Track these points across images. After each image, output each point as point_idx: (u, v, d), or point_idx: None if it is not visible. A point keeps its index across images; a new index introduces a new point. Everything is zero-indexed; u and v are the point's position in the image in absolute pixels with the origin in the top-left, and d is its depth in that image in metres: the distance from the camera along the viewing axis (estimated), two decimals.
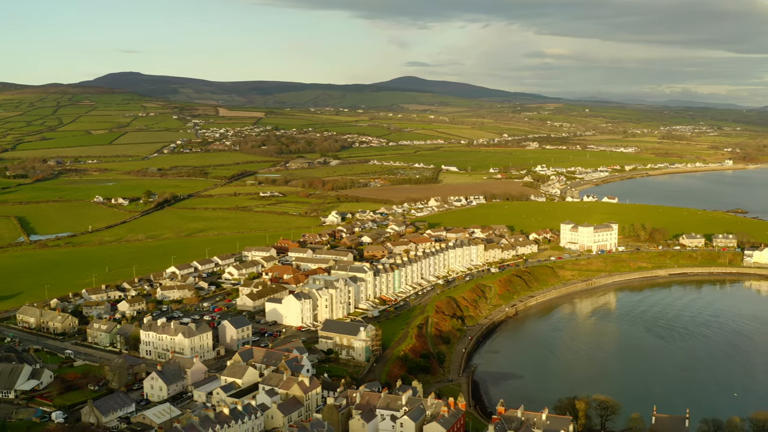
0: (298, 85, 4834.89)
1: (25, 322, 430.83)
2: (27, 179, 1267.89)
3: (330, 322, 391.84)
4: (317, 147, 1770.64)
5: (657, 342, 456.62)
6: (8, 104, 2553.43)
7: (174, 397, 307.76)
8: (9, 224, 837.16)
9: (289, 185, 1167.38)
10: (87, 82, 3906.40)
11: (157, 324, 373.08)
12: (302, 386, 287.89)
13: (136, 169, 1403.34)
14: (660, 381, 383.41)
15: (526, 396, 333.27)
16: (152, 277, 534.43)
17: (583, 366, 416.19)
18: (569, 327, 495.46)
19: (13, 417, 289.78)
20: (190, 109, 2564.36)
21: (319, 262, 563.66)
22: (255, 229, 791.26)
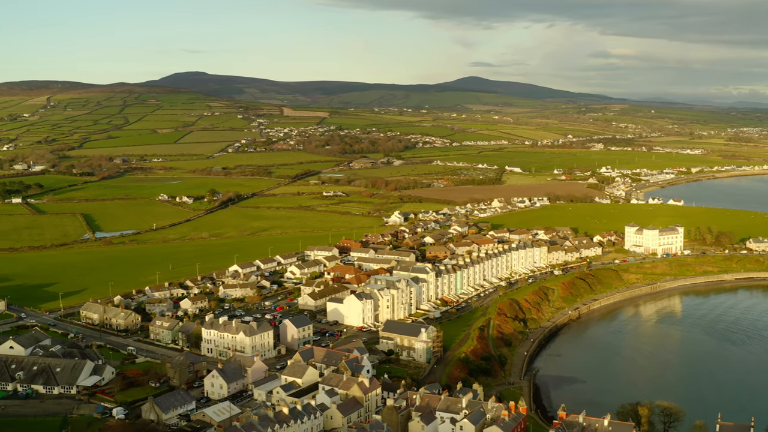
0: (363, 85, 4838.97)
1: (89, 318, 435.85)
2: (93, 177, 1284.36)
3: (391, 323, 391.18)
4: (381, 147, 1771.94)
5: (723, 348, 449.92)
6: (76, 103, 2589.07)
7: (234, 396, 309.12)
8: (75, 221, 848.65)
9: (352, 185, 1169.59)
10: (153, 82, 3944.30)
11: (218, 322, 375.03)
12: (362, 387, 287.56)
13: (201, 168, 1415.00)
14: (725, 388, 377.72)
15: (588, 401, 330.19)
16: (215, 275, 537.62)
17: (646, 371, 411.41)
18: (632, 331, 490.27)
19: (75, 412, 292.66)
20: (254, 108, 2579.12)
21: (381, 262, 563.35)
22: (317, 228, 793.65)
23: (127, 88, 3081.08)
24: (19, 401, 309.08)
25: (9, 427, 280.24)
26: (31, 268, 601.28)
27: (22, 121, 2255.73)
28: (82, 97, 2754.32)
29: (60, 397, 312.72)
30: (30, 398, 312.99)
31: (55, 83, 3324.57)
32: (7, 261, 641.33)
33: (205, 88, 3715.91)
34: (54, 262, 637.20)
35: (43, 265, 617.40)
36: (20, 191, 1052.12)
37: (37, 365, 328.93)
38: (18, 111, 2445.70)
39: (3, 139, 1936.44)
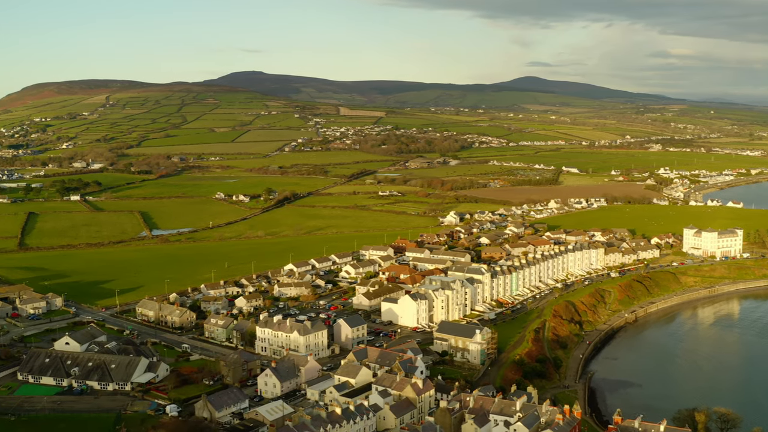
0: (419, 85, 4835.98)
1: (145, 315, 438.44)
2: (151, 175, 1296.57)
3: (445, 324, 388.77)
4: (437, 147, 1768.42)
5: None
6: (134, 102, 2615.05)
7: (287, 395, 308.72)
8: (132, 219, 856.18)
9: (408, 185, 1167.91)
10: (211, 81, 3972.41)
11: (273, 321, 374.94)
12: (415, 388, 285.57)
13: (258, 167, 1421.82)
14: None
15: (643, 405, 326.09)
16: (270, 273, 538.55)
17: (703, 376, 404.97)
18: (690, 335, 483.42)
19: (129, 409, 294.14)
20: (311, 108, 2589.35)
21: (436, 262, 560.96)
22: (373, 228, 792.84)
23: (186, 87, 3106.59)
24: (74, 397, 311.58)
25: (63, 422, 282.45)
26: (89, 265, 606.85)
27: (81, 119, 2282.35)
28: (141, 96, 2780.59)
29: (114, 394, 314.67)
30: (85, 394, 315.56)
31: (114, 82, 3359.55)
32: (65, 258, 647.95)
33: (263, 87, 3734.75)
34: (111, 259, 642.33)
35: (101, 262, 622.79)
36: (79, 189, 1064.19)
37: (92, 361, 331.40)
38: (77, 110, 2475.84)
39: (63, 137, 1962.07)
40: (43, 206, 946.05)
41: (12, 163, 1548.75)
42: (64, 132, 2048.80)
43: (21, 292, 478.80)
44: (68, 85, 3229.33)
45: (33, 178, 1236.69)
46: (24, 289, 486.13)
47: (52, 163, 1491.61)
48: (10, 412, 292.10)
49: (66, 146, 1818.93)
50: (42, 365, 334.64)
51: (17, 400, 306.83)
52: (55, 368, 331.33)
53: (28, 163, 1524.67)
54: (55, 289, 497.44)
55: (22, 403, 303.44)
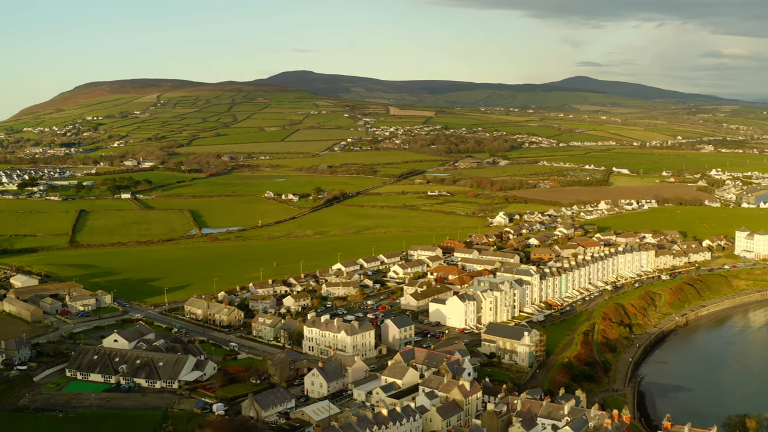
0: (469, 85, 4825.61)
1: (193, 313, 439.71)
2: (201, 174, 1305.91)
3: (494, 326, 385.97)
4: (486, 147, 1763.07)
5: None
6: (185, 101, 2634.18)
7: (333, 395, 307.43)
8: (182, 217, 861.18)
9: (457, 185, 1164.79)
10: (261, 80, 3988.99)
11: (320, 320, 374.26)
12: (463, 390, 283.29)
13: (307, 166, 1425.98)
14: None
15: (693, 411, 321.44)
16: (318, 273, 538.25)
17: (755, 381, 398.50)
18: (741, 339, 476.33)
19: (176, 407, 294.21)
20: (361, 107, 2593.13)
21: (484, 263, 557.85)
22: (421, 228, 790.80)
23: (236, 86, 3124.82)
24: (122, 394, 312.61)
25: (111, 419, 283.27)
26: (138, 263, 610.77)
27: (132, 118, 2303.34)
28: (192, 95, 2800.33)
29: (162, 391, 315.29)
30: (132, 391, 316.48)
31: (166, 81, 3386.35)
32: (115, 255, 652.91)
33: (313, 87, 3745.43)
34: (160, 257, 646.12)
35: (150, 260, 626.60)
36: (129, 187, 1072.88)
37: (140, 359, 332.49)
38: (129, 108, 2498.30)
39: (114, 136, 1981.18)
40: (94, 204, 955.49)
41: (64, 161, 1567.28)
42: (116, 131, 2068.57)
43: (71, 289, 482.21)
44: (120, 84, 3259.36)
45: (84, 177, 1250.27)
46: (74, 287, 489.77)
47: (104, 162, 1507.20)
48: (58, 408, 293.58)
49: (117, 145, 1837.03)
50: (90, 362, 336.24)
51: (65, 397, 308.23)
52: (104, 365, 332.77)
53: (80, 162, 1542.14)
54: (105, 286, 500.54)
55: (70, 399, 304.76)
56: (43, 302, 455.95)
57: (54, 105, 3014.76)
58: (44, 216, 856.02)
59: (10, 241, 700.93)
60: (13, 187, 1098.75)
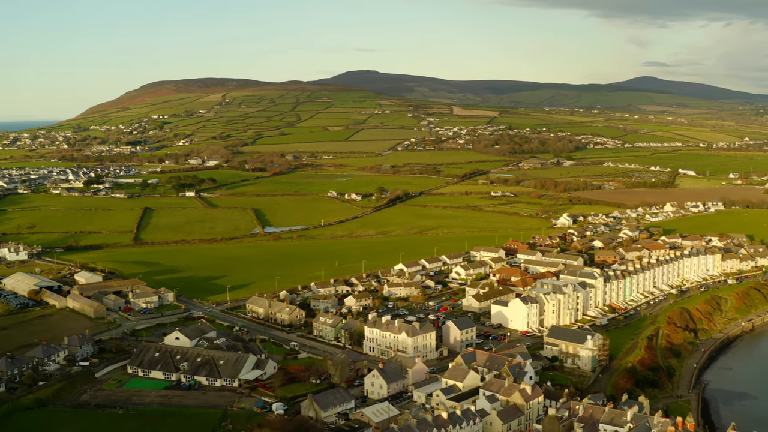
0: (533, 85, 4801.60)
1: (254, 312, 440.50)
2: (265, 173, 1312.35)
3: (556, 329, 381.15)
4: (551, 147, 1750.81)
5: None
6: (250, 100, 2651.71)
7: (393, 396, 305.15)
8: (246, 216, 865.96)
9: (520, 185, 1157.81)
10: (325, 80, 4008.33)
11: (381, 321, 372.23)
12: (524, 394, 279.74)
13: (370, 166, 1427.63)
14: None
15: (759, 418, 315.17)
16: (380, 273, 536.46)
17: None
18: None
19: (235, 405, 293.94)
20: (424, 107, 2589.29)
21: (547, 265, 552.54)
22: (484, 228, 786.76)
23: (300, 86, 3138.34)
24: (182, 392, 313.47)
25: (171, 417, 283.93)
26: (201, 261, 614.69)
27: (198, 117, 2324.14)
28: (256, 94, 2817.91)
29: (222, 390, 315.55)
30: (192, 389, 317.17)
31: (231, 81, 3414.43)
32: (179, 253, 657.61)
33: (376, 86, 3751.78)
34: (223, 255, 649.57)
35: (213, 258, 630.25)
36: (194, 185, 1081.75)
37: (201, 357, 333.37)
38: (194, 107, 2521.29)
39: (179, 134, 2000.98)
40: (158, 202, 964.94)
41: (130, 159, 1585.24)
42: (181, 129, 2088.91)
43: (134, 286, 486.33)
44: (186, 83, 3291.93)
45: (150, 174, 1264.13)
46: (137, 284, 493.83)
47: (169, 160, 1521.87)
48: (118, 405, 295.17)
49: (182, 143, 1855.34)
50: (152, 359, 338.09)
51: (126, 394, 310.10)
52: (165, 363, 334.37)
53: (146, 160, 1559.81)
54: (168, 283, 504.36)
55: (131, 396, 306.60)
56: (106, 299, 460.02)
57: (120, 103, 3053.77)
58: (109, 213, 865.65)
59: (76, 237, 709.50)
60: (80, 185, 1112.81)
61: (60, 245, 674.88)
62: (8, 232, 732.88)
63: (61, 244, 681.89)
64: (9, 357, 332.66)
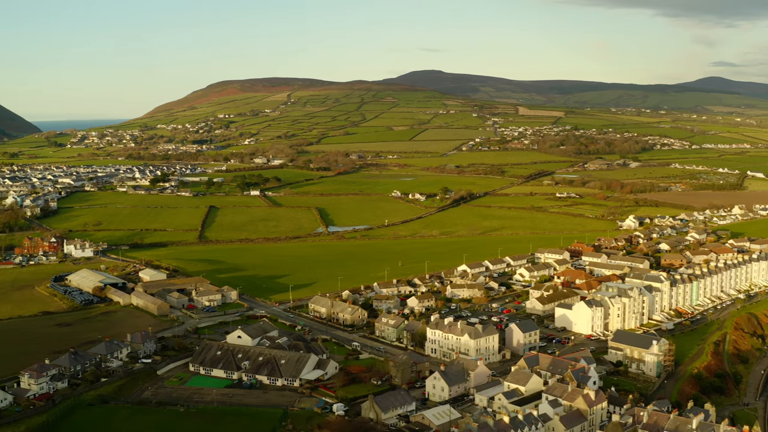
0: (599, 85, 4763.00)
1: (317, 311, 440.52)
2: (329, 172, 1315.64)
3: (621, 333, 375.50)
4: (617, 148, 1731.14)
5: None
6: (315, 100, 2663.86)
7: (455, 399, 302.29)
8: (309, 215, 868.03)
9: (586, 187, 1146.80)
10: (390, 80, 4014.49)
11: (444, 322, 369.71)
12: (587, 399, 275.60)
13: (435, 166, 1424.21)
14: None
15: None
16: (443, 274, 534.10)
17: None
18: None
19: (296, 405, 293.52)
20: (489, 107, 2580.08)
21: (613, 268, 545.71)
22: (549, 230, 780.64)
23: (365, 85, 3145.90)
24: (243, 390, 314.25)
25: (231, 415, 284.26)
26: (265, 260, 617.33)
27: (263, 116, 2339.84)
28: (322, 94, 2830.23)
29: (283, 389, 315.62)
30: (254, 388, 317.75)
31: (296, 80, 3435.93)
32: (242, 251, 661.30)
33: (441, 86, 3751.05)
34: (287, 254, 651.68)
35: (277, 257, 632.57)
36: (259, 184, 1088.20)
37: (262, 356, 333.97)
38: (260, 107, 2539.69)
39: (245, 133, 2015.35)
40: (223, 200, 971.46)
41: (196, 157, 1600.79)
42: (247, 128, 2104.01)
43: (198, 284, 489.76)
44: (251, 82, 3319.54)
45: (215, 173, 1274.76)
46: (201, 282, 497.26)
47: (234, 159, 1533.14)
48: (179, 402, 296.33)
49: (248, 142, 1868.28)
50: (214, 357, 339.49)
51: (187, 391, 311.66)
52: (226, 361, 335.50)
53: (211, 158, 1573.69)
54: (231, 282, 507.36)
55: (192, 394, 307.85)
56: (170, 296, 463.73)
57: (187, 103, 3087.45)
58: (174, 211, 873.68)
59: (141, 235, 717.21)
60: (146, 183, 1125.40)
61: (125, 242, 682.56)
62: (75, 229, 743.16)
63: (126, 241, 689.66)
64: (72, 353, 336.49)
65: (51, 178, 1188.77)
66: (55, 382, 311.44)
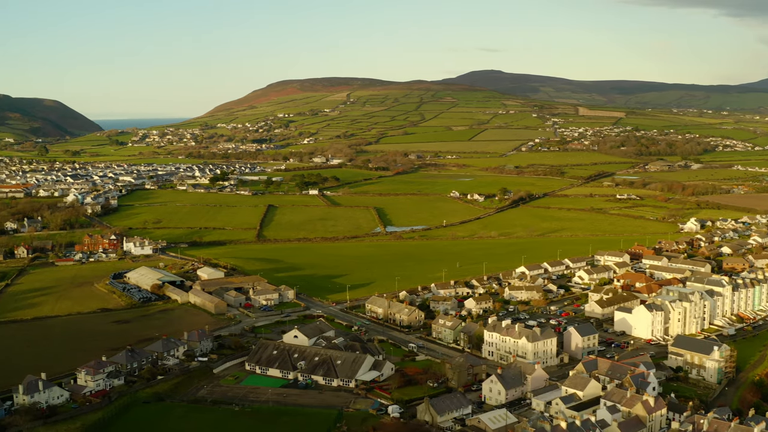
0: (660, 85, 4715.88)
1: (373, 312, 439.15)
2: (388, 172, 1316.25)
3: (681, 338, 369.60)
4: (678, 149, 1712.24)
5: None
6: (375, 99, 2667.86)
7: (511, 403, 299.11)
8: (367, 215, 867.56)
9: (646, 188, 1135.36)
10: (450, 80, 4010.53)
11: (501, 325, 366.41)
12: (646, 405, 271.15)
13: (493, 166, 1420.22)
14: None
15: None
16: (501, 275, 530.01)
17: None
18: None
19: (351, 406, 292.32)
20: (549, 107, 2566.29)
21: (674, 271, 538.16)
22: (609, 232, 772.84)
23: (425, 85, 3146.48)
24: (298, 391, 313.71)
25: (286, 415, 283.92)
26: (322, 259, 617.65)
27: (322, 116, 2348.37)
28: (381, 93, 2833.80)
29: (338, 390, 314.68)
30: (309, 388, 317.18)
31: (355, 80, 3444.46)
32: (300, 250, 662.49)
33: (501, 86, 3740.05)
34: (344, 253, 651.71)
35: (334, 257, 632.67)
36: (317, 183, 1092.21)
37: (318, 356, 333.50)
38: (319, 106, 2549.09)
39: (304, 133, 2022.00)
40: (282, 199, 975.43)
41: (255, 156, 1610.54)
42: (306, 128, 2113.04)
43: (255, 283, 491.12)
44: (311, 82, 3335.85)
45: (274, 172, 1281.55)
46: (258, 281, 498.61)
47: (293, 158, 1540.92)
48: (235, 401, 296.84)
49: (307, 142, 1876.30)
50: (270, 357, 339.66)
51: (243, 390, 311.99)
52: (282, 361, 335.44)
53: (270, 157, 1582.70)
54: (288, 281, 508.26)
55: (247, 393, 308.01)
56: (227, 295, 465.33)
57: (246, 102, 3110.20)
58: (233, 210, 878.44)
59: (200, 233, 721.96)
60: (205, 181, 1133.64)
61: (184, 240, 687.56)
62: (135, 226, 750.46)
63: (185, 239, 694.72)
64: (129, 350, 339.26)
65: (112, 176, 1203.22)
66: (111, 379, 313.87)
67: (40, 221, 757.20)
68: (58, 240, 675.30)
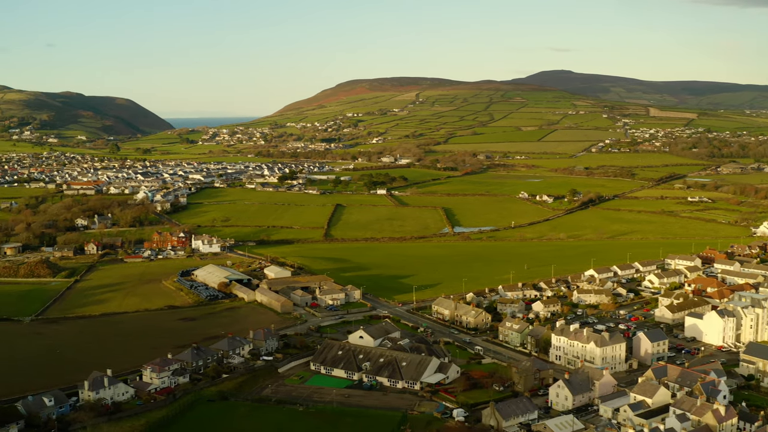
0: (733, 86, 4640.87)
1: (440, 313, 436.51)
2: (456, 172, 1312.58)
3: (754, 345, 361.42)
4: (751, 152, 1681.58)
5: None
6: (443, 99, 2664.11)
7: (578, 409, 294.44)
8: (435, 215, 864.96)
9: (719, 191, 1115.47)
10: (519, 80, 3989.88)
11: (569, 329, 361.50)
12: (717, 414, 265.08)
13: (563, 167, 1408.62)
14: None
15: None
16: (570, 278, 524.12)
17: None
18: None
19: (416, 409, 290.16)
20: (620, 108, 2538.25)
21: (746, 276, 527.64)
22: (679, 235, 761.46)
23: (494, 85, 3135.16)
24: (363, 392, 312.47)
25: (350, 416, 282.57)
26: (389, 259, 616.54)
27: (391, 115, 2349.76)
28: (450, 93, 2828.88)
29: (403, 392, 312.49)
30: (374, 390, 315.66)
31: (424, 80, 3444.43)
32: (367, 250, 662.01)
33: (571, 86, 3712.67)
34: (411, 254, 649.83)
35: (401, 257, 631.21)
36: (385, 183, 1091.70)
37: (383, 357, 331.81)
38: (388, 106, 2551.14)
39: (373, 132, 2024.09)
40: (350, 199, 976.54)
41: (324, 156, 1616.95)
42: (374, 127, 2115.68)
43: (322, 282, 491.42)
44: (380, 82, 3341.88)
45: (342, 171, 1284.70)
46: (325, 280, 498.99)
47: (361, 157, 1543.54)
48: (299, 401, 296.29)
49: (375, 141, 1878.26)
50: (335, 357, 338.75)
51: (307, 391, 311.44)
52: (347, 361, 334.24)
53: (339, 157, 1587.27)
54: (355, 281, 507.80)
55: (312, 393, 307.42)
56: (293, 294, 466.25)
57: (316, 101, 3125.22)
58: (301, 209, 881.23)
59: (268, 232, 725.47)
60: (274, 180, 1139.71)
61: (252, 239, 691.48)
62: (203, 224, 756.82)
63: (253, 237, 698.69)
64: (195, 348, 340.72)
65: (182, 174, 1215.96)
66: (176, 376, 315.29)
67: (110, 218, 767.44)
68: (127, 237, 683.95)
